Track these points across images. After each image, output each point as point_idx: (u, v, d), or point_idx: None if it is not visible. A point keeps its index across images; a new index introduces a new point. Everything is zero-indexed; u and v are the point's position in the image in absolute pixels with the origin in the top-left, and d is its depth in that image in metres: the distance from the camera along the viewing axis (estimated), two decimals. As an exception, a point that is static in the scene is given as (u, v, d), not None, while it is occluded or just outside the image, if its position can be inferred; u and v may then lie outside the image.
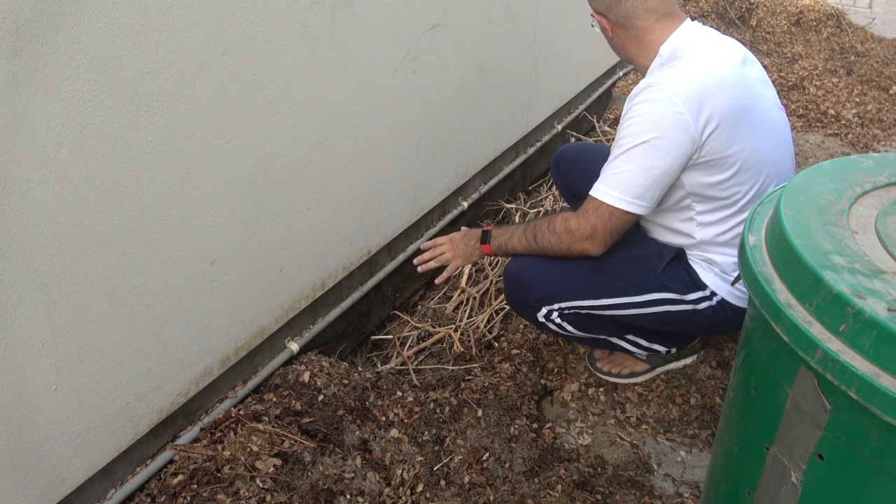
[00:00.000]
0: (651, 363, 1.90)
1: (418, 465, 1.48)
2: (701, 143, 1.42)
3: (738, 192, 1.50)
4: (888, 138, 3.74)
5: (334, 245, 1.83)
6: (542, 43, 2.69)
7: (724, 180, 1.48)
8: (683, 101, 1.38)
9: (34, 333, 1.12)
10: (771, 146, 1.52)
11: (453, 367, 1.95)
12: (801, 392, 0.85)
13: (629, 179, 1.44)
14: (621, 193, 1.45)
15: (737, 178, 1.48)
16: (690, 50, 1.48)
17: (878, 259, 0.86)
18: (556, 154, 2.12)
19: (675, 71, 1.43)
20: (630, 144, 1.43)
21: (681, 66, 1.44)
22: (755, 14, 4.76)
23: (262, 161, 1.48)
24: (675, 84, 1.40)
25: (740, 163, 1.46)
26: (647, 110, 1.41)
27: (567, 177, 2.07)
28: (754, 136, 1.47)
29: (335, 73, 1.62)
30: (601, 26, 1.60)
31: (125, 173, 1.19)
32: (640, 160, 1.42)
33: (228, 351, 1.57)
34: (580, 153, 2.06)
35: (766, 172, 1.51)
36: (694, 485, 1.62)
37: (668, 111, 1.39)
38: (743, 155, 1.46)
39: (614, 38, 1.59)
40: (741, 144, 1.45)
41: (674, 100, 1.39)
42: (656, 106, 1.40)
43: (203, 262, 1.42)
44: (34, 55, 0.99)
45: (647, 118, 1.41)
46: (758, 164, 1.49)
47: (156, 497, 1.36)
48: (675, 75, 1.42)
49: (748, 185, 1.50)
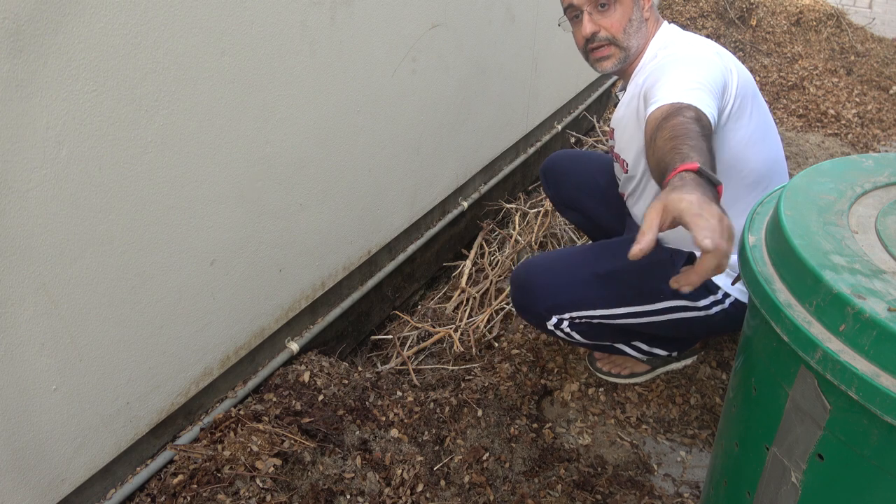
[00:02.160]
0: (651, 364, 1.89)
1: (418, 465, 1.48)
2: (733, 93, 1.40)
3: (747, 161, 1.49)
4: (888, 138, 3.74)
5: (334, 245, 1.83)
6: (542, 43, 2.69)
7: (736, 142, 1.45)
8: (720, 52, 1.42)
9: (34, 333, 1.12)
10: (772, 126, 1.55)
11: (453, 367, 1.95)
12: (801, 392, 0.85)
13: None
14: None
15: (748, 143, 1.47)
16: (690, 36, 1.53)
17: (878, 259, 0.86)
18: (544, 165, 2.08)
19: (690, 39, 1.48)
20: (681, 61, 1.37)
21: (691, 39, 1.49)
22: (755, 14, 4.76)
23: (262, 161, 1.48)
24: (704, 44, 1.45)
25: (753, 126, 1.46)
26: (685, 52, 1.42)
27: (556, 187, 2.05)
28: (763, 110, 1.50)
29: (335, 73, 1.62)
30: (640, 1, 1.55)
31: (125, 173, 1.19)
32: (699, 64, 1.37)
33: (228, 351, 1.57)
34: (568, 162, 2.04)
35: (770, 147, 1.53)
36: (694, 485, 1.62)
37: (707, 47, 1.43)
38: (754, 121, 1.47)
39: (651, 17, 1.57)
40: (756, 112, 1.47)
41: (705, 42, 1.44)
42: (691, 48, 1.44)
43: (203, 262, 1.42)
44: (34, 55, 0.99)
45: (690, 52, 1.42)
46: (769, 134, 1.52)
47: (156, 497, 1.36)
48: (696, 39, 1.47)
49: (755, 158, 1.49)
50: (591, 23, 1.53)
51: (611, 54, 1.57)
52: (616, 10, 1.51)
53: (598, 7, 1.52)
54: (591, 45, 1.57)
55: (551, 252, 1.74)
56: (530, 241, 2.54)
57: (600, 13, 1.52)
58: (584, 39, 1.57)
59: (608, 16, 1.52)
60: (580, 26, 1.56)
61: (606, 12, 1.52)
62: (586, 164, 2.01)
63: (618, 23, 1.52)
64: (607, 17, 1.52)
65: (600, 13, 1.52)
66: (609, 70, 1.59)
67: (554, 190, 2.05)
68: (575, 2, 1.53)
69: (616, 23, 1.52)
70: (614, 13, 1.52)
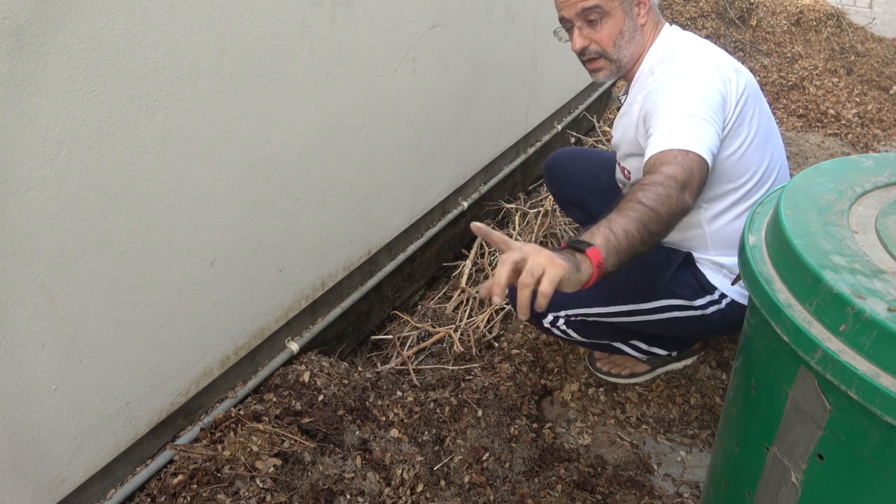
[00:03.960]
0: (651, 364, 1.90)
1: (418, 465, 1.48)
2: (734, 105, 1.42)
3: (748, 168, 1.50)
4: (888, 138, 3.74)
5: (334, 245, 1.83)
6: (542, 43, 2.69)
7: (736, 149, 1.47)
8: (719, 64, 1.44)
9: (34, 333, 1.12)
10: (774, 128, 1.56)
11: (453, 367, 1.95)
12: (801, 392, 0.85)
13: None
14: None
15: (748, 149, 1.48)
16: (690, 42, 1.53)
17: (878, 259, 0.86)
18: (547, 162, 2.09)
19: (690, 49, 1.48)
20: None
21: (691, 47, 1.49)
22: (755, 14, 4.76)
23: (262, 161, 1.48)
24: (703, 54, 1.46)
25: (754, 132, 1.47)
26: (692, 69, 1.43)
27: (559, 185, 2.05)
28: (765, 114, 1.51)
29: (335, 73, 1.62)
30: (632, 11, 1.53)
31: (125, 173, 1.19)
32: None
33: (228, 351, 1.57)
34: (570, 160, 2.05)
35: (772, 150, 1.53)
36: (694, 485, 1.62)
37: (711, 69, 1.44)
38: (755, 125, 1.48)
39: (647, 24, 1.55)
40: (756, 116, 1.48)
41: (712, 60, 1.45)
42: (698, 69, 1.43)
43: (203, 263, 1.42)
44: (34, 55, 0.99)
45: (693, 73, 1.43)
46: (771, 137, 1.53)
47: (156, 497, 1.36)
48: (695, 49, 1.48)
49: (756, 163, 1.50)
50: (580, 38, 1.54)
51: (602, 66, 1.58)
52: (605, 24, 1.51)
53: (588, 21, 1.51)
54: (583, 58, 1.58)
55: None
56: (530, 241, 2.54)
57: (590, 27, 1.52)
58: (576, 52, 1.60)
59: (598, 30, 1.52)
60: (573, 38, 1.57)
61: (596, 26, 1.51)
62: (589, 162, 2.01)
63: (607, 36, 1.52)
64: (597, 31, 1.52)
65: (590, 27, 1.52)
66: (603, 80, 1.63)
67: (557, 187, 2.06)
68: (566, 15, 1.53)
69: (606, 37, 1.52)
70: (604, 27, 1.51)
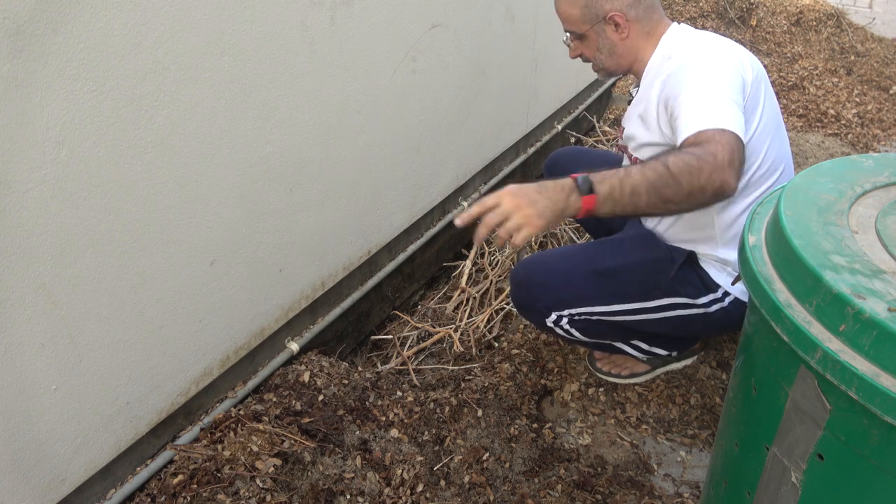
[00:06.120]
0: (651, 364, 1.90)
1: (418, 465, 1.48)
2: (749, 89, 1.43)
3: (757, 154, 1.49)
4: (888, 138, 3.74)
5: (334, 245, 1.83)
6: (542, 43, 2.69)
7: (749, 134, 1.46)
8: (734, 48, 1.45)
9: (34, 333, 1.12)
10: (781, 121, 1.56)
11: (453, 367, 1.95)
12: (801, 392, 0.85)
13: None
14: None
15: (758, 136, 1.47)
16: (700, 33, 1.54)
17: (878, 259, 0.86)
18: (547, 162, 2.10)
19: (702, 38, 1.49)
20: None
21: (703, 37, 1.50)
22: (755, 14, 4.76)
23: (262, 161, 1.48)
24: (717, 40, 1.47)
25: (764, 119, 1.47)
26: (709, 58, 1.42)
27: None
28: (772, 102, 1.52)
29: (335, 73, 1.62)
30: (606, 32, 1.55)
31: (125, 173, 1.19)
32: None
33: (228, 351, 1.57)
34: (571, 160, 2.05)
35: (780, 142, 1.54)
36: (694, 485, 1.62)
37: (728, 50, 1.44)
38: (765, 113, 1.48)
39: (629, 37, 1.55)
40: (767, 104, 1.48)
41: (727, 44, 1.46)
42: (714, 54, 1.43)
43: (203, 263, 1.42)
44: (34, 55, 0.99)
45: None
46: (780, 126, 1.53)
47: (156, 497, 1.36)
48: (708, 36, 1.49)
49: (764, 150, 1.50)
50: (571, 49, 1.64)
51: (597, 70, 1.68)
52: (584, 43, 1.60)
53: (574, 36, 1.61)
54: (583, 61, 1.68)
55: (551, 250, 1.75)
56: (530, 241, 2.54)
57: (577, 40, 1.61)
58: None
59: (582, 44, 1.61)
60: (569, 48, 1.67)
61: (579, 41, 1.61)
62: (590, 161, 2.02)
63: (589, 51, 1.62)
64: (582, 45, 1.62)
65: (577, 40, 1.61)
66: (603, 79, 1.66)
67: None
68: (563, 25, 1.62)
69: (588, 51, 1.62)
70: (584, 44, 1.60)
